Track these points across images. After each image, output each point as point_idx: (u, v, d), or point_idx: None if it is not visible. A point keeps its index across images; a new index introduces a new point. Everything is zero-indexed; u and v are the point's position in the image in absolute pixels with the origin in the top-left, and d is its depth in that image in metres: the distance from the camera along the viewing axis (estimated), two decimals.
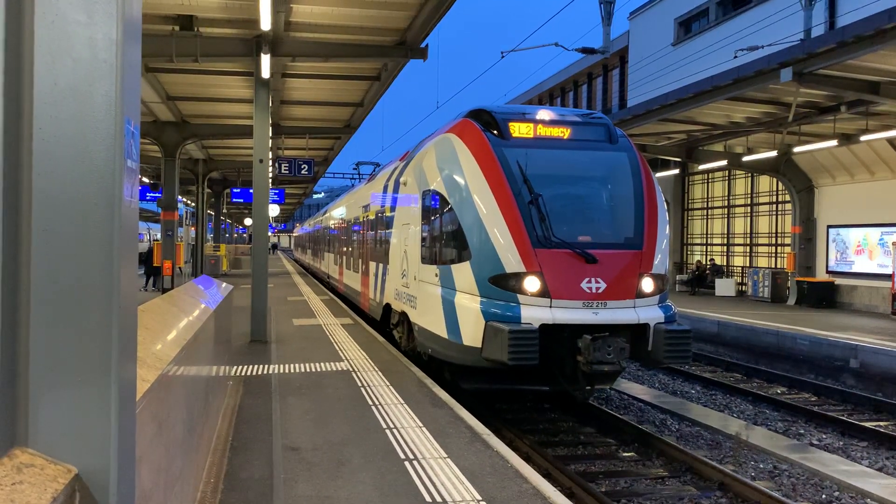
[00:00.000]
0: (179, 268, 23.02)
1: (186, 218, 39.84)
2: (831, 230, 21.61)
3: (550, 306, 8.18)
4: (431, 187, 9.87)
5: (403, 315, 11.42)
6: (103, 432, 1.85)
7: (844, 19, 21.38)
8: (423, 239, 10.21)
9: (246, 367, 9.96)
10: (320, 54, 12.85)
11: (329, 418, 7.22)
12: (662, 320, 8.48)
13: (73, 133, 1.83)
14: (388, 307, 13.04)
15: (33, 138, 1.81)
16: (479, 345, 8.22)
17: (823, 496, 7.35)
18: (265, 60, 12.05)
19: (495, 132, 9.46)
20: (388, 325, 13.29)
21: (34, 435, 1.82)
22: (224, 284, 9.20)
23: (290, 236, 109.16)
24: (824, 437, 9.88)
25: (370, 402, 7.89)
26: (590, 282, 8.28)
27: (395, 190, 12.72)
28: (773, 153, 20.42)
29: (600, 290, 8.28)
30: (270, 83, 13.11)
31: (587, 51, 19.78)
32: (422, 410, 7.54)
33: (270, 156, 15.53)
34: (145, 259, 25.22)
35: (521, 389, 9.66)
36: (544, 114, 9.86)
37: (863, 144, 19.25)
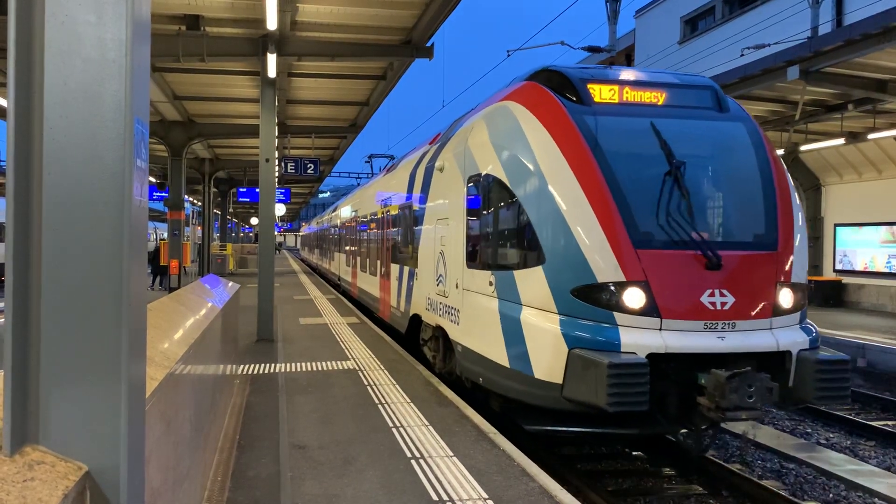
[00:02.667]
0: (185, 267, 23.09)
1: (193, 217, 39.97)
2: (839, 230, 21.53)
3: (660, 328, 6.21)
4: (483, 171, 7.82)
5: (439, 330, 9.54)
6: (113, 430, 1.87)
7: (851, 17, 21.30)
8: (470, 237, 8.19)
9: (253, 365, 9.99)
10: (326, 53, 12.86)
11: (336, 417, 7.23)
12: (807, 346, 6.55)
13: (83, 133, 1.85)
14: (416, 319, 11.15)
15: (44, 138, 1.82)
16: (559, 380, 6.27)
17: (831, 496, 7.33)
18: (271, 60, 12.08)
19: (572, 97, 7.37)
20: (415, 339, 11.45)
21: (45, 432, 1.83)
22: (230, 283, 9.23)
23: (296, 235, 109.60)
24: (831, 436, 9.85)
25: (376, 401, 7.90)
26: (712, 295, 6.33)
27: (427, 179, 10.66)
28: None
29: (727, 306, 6.32)
30: (276, 82, 13.14)
31: (593, 49, 19.72)
32: (428, 409, 7.54)
33: (276, 155, 15.56)
34: (152, 258, 25.32)
35: (604, 434, 7.45)
36: (630, 74, 7.79)
37: (870, 142, 19.16)
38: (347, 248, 22.26)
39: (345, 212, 24.01)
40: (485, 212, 7.81)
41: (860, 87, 14.77)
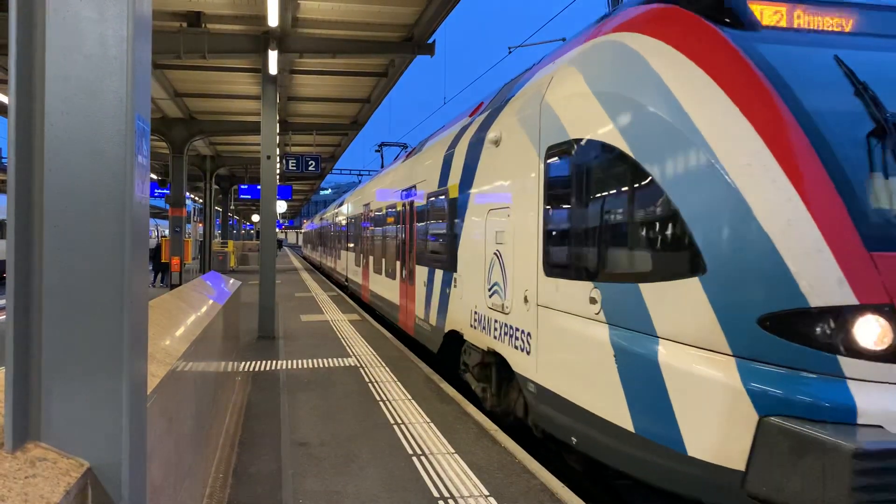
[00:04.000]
0: (185, 264, 23.12)
1: (194, 214, 40.00)
2: None
3: None
4: (577, 137, 5.49)
5: (493, 356, 7.45)
6: (115, 427, 1.87)
7: None
8: (551, 232, 5.93)
9: (254, 362, 10.00)
10: (327, 50, 12.86)
11: (337, 414, 7.24)
12: None
13: (84, 129, 1.85)
14: (454, 336, 8.97)
15: (45, 134, 1.82)
16: (739, 465, 3.96)
17: None
18: (272, 57, 12.07)
19: (730, 23, 4.78)
20: (454, 361, 9.28)
21: (47, 429, 1.83)
22: (232, 280, 9.24)
23: (297, 233, 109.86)
24: None
25: (378, 398, 7.90)
26: None
27: (472, 158, 8.19)
28: None
29: None
30: (278, 79, 13.14)
31: None
32: (429, 406, 7.55)
33: (278, 152, 15.57)
34: (153, 255, 25.36)
35: None
36: None
37: None
38: (358, 245, 19.80)
39: (355, 205, 21.18)
40: (580, 195, 5.48)
41: None
